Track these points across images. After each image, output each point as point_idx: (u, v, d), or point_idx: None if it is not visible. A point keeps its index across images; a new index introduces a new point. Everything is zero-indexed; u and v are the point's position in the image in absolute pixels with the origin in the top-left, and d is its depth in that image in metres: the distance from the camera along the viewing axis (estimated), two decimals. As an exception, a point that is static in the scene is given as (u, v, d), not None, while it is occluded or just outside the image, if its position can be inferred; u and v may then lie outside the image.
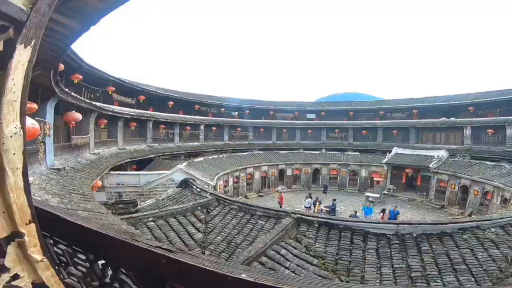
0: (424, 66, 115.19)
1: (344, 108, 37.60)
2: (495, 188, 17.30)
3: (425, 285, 4.86)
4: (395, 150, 27.53)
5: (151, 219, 7.24)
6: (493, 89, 27.96)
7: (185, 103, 30.25)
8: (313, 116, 38.94)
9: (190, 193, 10.54)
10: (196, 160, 21.62)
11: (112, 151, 19.31)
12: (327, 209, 19.18)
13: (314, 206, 19.48)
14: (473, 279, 4.81)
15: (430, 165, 23.18)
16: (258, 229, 7.05)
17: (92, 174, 12.66)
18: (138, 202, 10.56)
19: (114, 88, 20.03)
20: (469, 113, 27.83)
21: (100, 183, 14.38)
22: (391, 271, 5.27)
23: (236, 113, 36.37)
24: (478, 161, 21.88)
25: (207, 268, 0.84)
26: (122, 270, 1.13)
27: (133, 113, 22.26)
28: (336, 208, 18.80)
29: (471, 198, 19.48)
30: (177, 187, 11.84)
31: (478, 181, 19.00)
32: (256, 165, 26.56)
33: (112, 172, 16.13)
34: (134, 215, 7.52)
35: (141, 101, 24.28)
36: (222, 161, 24.09)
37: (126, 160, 19.23)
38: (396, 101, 36.68)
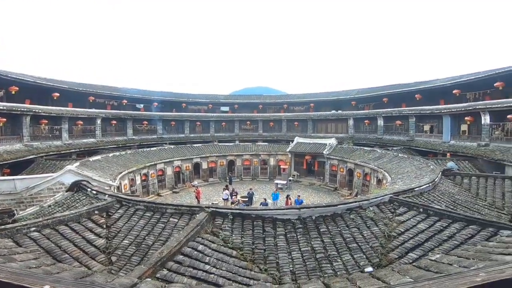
0: (323, 63, 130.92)
1: (254, 101, 39.71)
2: (371, 170, 20.47)
3: (329, 265, 5.43)
4: (296, 139, 30.39)
5: (33, 228, 5.93)
6: (373, 85, 34.27)
7: (76, 95, 26.05)
8: (226, 108, 39.51)
9: (84, 197, 9.12)
10: (92, 159, 18.84)
11: (-32, 153, 14.99)
12: (244, 199, 19.82)
13: (232, 197, 19.84)
14: (364, 256, 5.60)
15: (324, 152, 26.57)
16: (171, 227, 6.64)
17: None
18: (16, 211, 8.60)
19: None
20: (352, 107, 33.38)
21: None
22: (300, 254, 5.74)
23: (142, 105, 33.55)
24: (359, 147, 26.00)
25: (2, 280, 0.75)
26: None
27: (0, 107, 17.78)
28: (253, 197, 19.60)
29: (355, 180, 22.94)
30: (66, 191, 10.09)
31: (359, 165, 22.34)
32: (167, 160, 25.10)
33: (-29, 179, 12.69)
34: (9, 226, 5.99)
35: (13, 93, 19.70)
36: (126, 158, 21.76)
37: (-8, 164, 15.30)
38: (297, 95, 40.82)
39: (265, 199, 18.17)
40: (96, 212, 7.20)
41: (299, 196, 19.14)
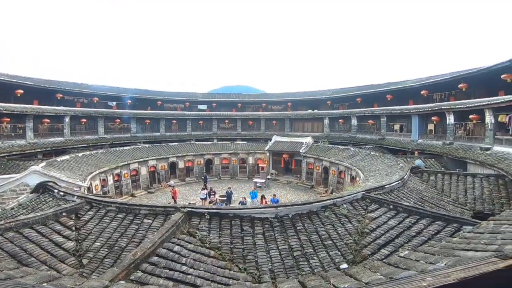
0: (301, 62, 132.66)
1: (233, 100, 39.59)
2: (346, 168, 20.98)
3: (306, 263, 5.52)
4: (274, 138, 30.60)
5: (-6, 232, 5.57)
6: (348, 85, 35.30)
7: (42, 92, 24.66)
8: (204, 107, 39.11)
9: (51, 199, 8.64)
10: (60, 159, 17.82)
11: None
12: (222, 198, 19.60)
13: (209, 197, 19.58)
14: (339, 253, 5.76)
15: (300, 150, 26.98)
16: (145, 228, 6.46)
17: None
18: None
19: None
20: (327, 106, 34.23)
21: None
22: (278, 253, 5.80)
23: (114, 103, 32.32)
24: (334, 146, 26.53)
25: None
26: None
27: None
28: (232, 196, 19.47)
29: (331, 177, 23.48)
30: (31, 193, 9.53)
31: (334, 163, 22.89)
32: (142, 159, 24.31)
33: None
34: (-33, 230, 5.56)
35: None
36: (97, 158, 20.82)
37: None
38: (276, 95, 41.16)
39: (244, 198, 18.13)
40: (64, 214, 6.85)
41: (274, 195, 19.26)
